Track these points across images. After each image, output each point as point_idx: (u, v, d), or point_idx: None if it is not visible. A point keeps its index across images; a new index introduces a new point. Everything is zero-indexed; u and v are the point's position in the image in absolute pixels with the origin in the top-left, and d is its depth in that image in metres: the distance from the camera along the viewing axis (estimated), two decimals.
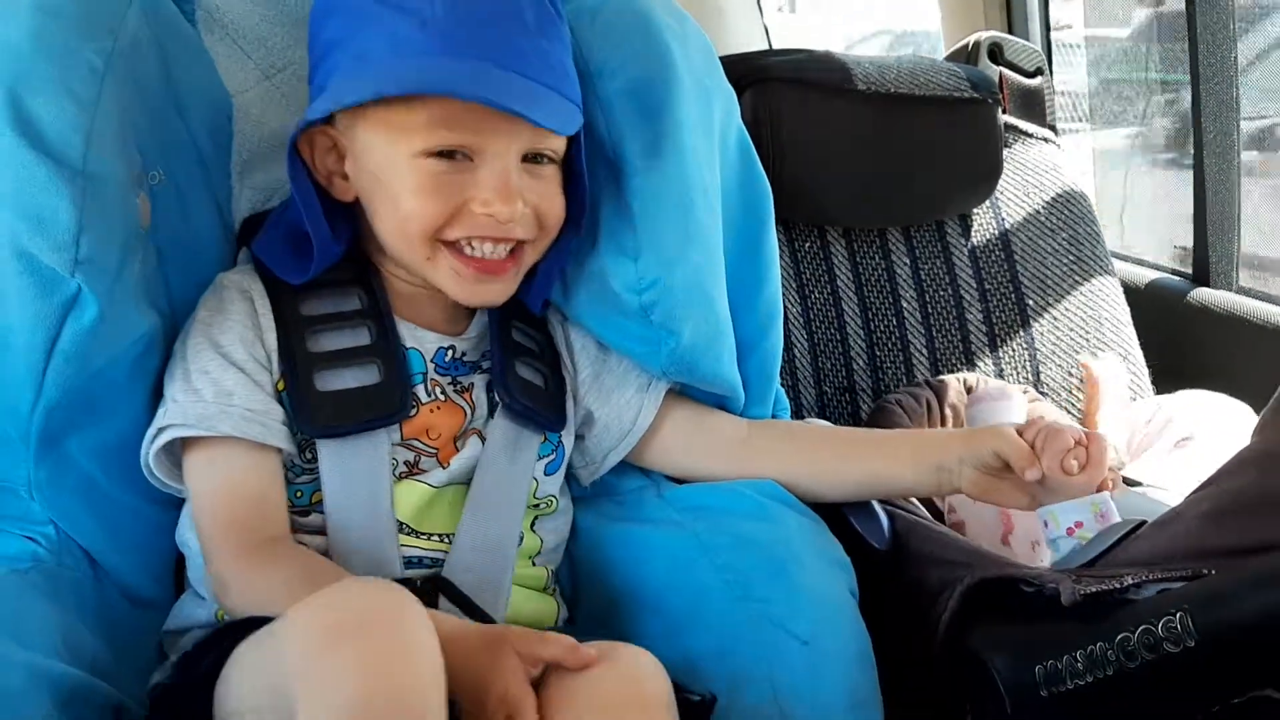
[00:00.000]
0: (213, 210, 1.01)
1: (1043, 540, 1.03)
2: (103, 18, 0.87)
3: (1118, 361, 1.57)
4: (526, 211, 0.91)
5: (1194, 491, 0.92)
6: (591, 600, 1.05)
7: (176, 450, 0.90)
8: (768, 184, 1.12)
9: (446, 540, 0.94)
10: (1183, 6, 1.62)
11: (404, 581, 0.88)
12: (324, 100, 0.89)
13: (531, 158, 0.92)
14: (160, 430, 0.89)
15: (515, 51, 0.87)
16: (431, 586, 0.90)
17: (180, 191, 0.96)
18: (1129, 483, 1.32)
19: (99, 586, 0.92)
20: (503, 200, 0.89)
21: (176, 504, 0.95)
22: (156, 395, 0.91)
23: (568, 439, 1.04)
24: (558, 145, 0.94)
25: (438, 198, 0.89)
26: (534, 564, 1.00)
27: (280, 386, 0.92)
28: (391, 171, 0.90)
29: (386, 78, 0.86)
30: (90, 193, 0.82)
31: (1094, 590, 0.84)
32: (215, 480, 0.89)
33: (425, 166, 0.89)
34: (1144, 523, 0.93)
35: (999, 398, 1.40)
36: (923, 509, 1.15)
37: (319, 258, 0.94)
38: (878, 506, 1.08)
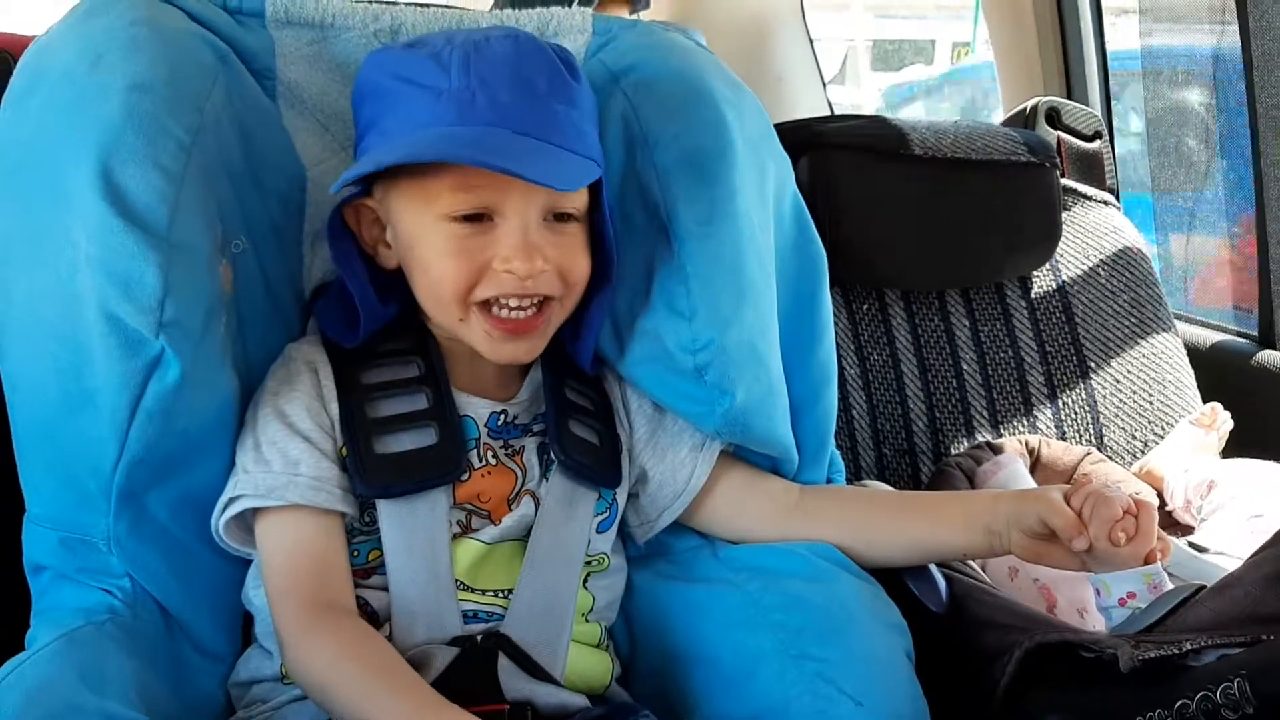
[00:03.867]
0: (285, 279, 1.05)
1: (1090, 607, 1.02)
2: (190, 95, 0.91)
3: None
4: (548, 268, 0.93)
5: (1254, 555, 0.90)
6: (648, 658, 1.05)
7: (246, 516, 0.93)
8: (822, 247, 1.14)
9: (502, 596, 0.95)
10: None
11: (464, 639, 0.91)
12: (346, 174, 0.93)
13: (555, 216, 0.95)
14: (231, 500, 0.92)
15: (526, 116, 0.90)
16: (492, 644, 0.91)
17: (258, 260, 1.00)
18: (1196, 547, 1.31)
19: (171, 639, 0.94)
20: (522, 258, 0.91)
21: (247, 560, 0.97)
22: (233, 453, 0.94)
23: (621, 496, 1.05)
24: (579, 202, 0.96)
25: (462, 259, 0.92)
26: (587, 620, 1.01)
27: (343, 452, 0.94)
28: (421, 237, 0.94)
29: (398, 149, 0.90)
30: (175, 259, 0.86)
31: (1152, 655, 0.83)
32: (283, 546, 0.91)
33: (450, 230, 0.92)
34: (1203, 587, 0.92)
35: (996, 470, 1.39)
36: (981, 573, 1.14)
37: (365, 320, 0.98)
38: (935, 570, 1.07)
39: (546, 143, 0.91)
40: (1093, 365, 1.63)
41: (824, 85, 2.67)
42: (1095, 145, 1.80)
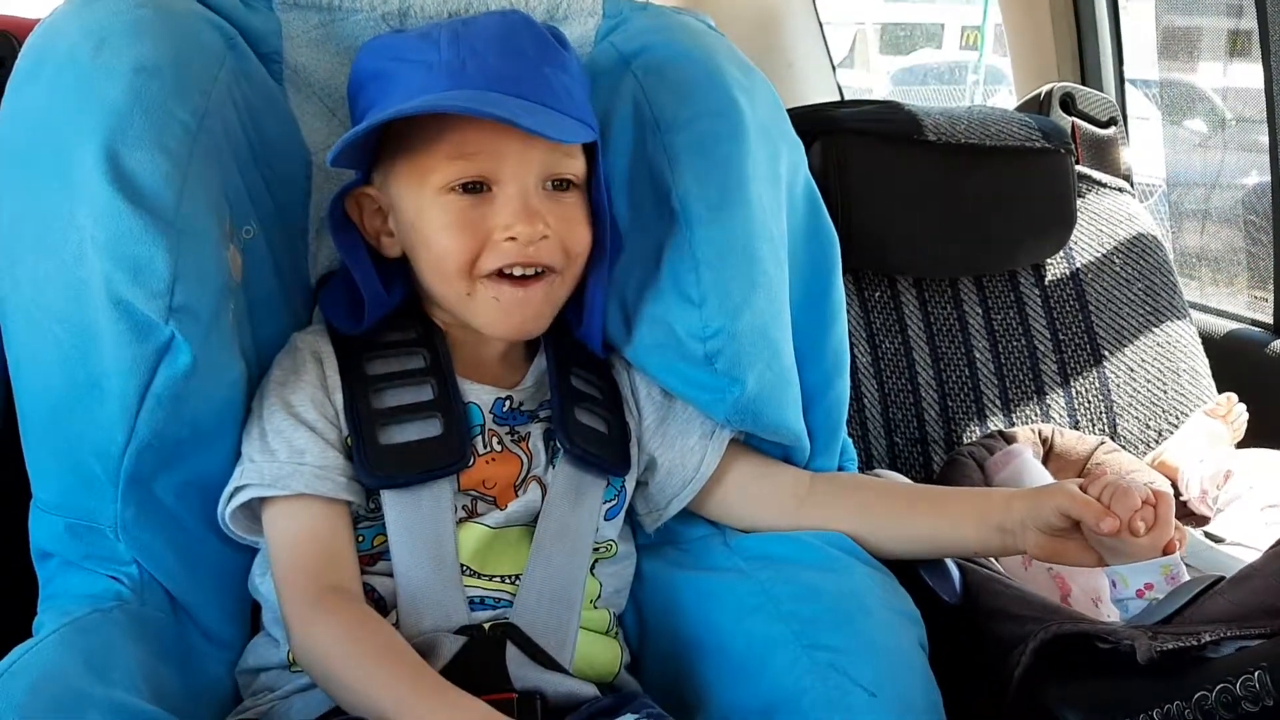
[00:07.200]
0: (292, 266, 1.05)
1: (1104, 597, 1.01)
2: (196, 78, 0.91)
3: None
4: (550, 234, 0.93)
5: (1272, 547, 0.90)
6: (658, 646, 1.05)
7: (253, 504, 0.93)
8: (834, 234, 1.13)
9: (509, 582, 0.95)
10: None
11: (473, 628, 0.91)
12: (339, 142, 0.92)
13: (554, 185, 0.95)
14: (238, 489, 0.92)
15: (518, 79, 0.91)
16: (500, 634, 0.91)
17: (267, 246, 1.00)
18: (1212, 538, 1.30)
19: (179, 626, 0.94)
20: (524, 222, 0.92)
21: (254, 547, 0.97)
22: (240, 440, 0.94)
23: (629, 484, 1.04)
24: (576, 168, 0.96)
25: (464, 231, 0.92)
26: (595, 607, 1.00)
27: (348, 441, 0.94)
28: (421, 215, 0.94)
29: (390, 111, 0.90)
30: (183, 244, 0.85)
31: (1171, 647, 0.82)
32: (290, 534, 0.92)
33: (450, 203, 0.92)
34: (1221, 578, 0.91)
35: (1007, 460, 1.37)
36: (995, 564, 1.13)
37: (370, 308, 0.98)
38: (949, 561, 1.06)
39: (539, 104, 0.91)
40: (1106, 354, 1.62)
41: (834, 70, 2.66)
42: (1110, 131, 1.78)
